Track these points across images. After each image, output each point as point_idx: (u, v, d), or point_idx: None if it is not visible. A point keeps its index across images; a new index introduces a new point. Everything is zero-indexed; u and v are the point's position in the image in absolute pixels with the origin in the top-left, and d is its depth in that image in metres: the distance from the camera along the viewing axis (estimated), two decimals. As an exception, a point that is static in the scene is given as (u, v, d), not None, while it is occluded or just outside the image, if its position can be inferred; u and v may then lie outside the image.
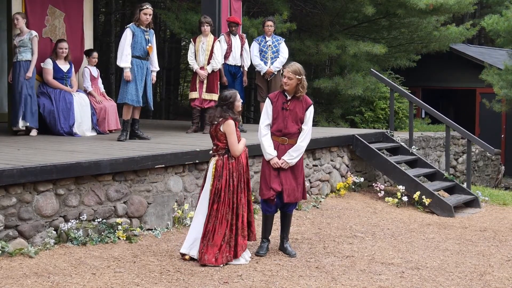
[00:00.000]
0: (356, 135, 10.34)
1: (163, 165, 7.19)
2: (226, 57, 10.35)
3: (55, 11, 10.00)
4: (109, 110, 10.04)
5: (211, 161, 6.16)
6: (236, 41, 10.42)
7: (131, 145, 8.14)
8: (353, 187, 10.12)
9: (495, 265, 6.54)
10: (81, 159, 6.54)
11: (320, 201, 9.20)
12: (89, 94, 10.04)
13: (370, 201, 9.70)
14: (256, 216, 7.45)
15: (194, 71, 10.27)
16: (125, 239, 6.60)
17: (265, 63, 10.39)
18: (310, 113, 6.46)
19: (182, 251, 6.16)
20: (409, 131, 11.34)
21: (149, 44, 8.75)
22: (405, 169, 10.34)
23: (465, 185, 10.65)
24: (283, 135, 6.42)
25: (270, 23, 10.50)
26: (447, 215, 9.21)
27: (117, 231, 6.61)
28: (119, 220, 6.69)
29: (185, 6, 14.75)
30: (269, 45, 10.43)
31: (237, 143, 6.07)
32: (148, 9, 8.65)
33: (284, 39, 10.71)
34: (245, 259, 6.16)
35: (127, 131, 8.81)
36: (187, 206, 7.41)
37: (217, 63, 10.12)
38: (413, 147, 11.21)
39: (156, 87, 22.94)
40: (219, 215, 6.02)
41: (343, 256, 6.58)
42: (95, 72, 10.31)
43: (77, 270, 5.62)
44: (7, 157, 6.68)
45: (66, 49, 9.65)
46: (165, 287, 5.35)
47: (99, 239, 6.46)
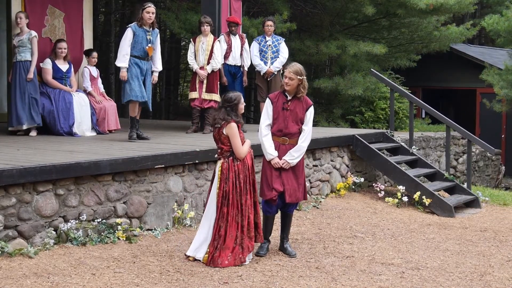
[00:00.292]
0: (356, 135, 10.33)
1: (163, 165, 7.18)
2: (226, 57, 10.34)
3: (54, 11, 9.99)
4: (109, 110, 10.02)
5: (217, 164, 6.16)
6: (236, 41, 10.41)
7: (131, 145, 8.12)
8: (353, 187, 10.11)
9: (496, 266, 6.53)
10: (81, 159, 6.53)
11: (320, 201, 9.19)
12: (88, 94, 10.02)
13: (370, 201, 9.69)
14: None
15: (194, 71, 10.26)
16: (124, 239, 6.59)
17: (265, 63, 10.36)
18: (310, 114, 6.46)
19: (188, 253, 6.15)
20: (409, 131, 11.33)
21: (149, 44, 8.67)
22: (405, 169, 10.33)
23: (465, 185, 10.64)
24: (283, 135, 6.41)
25: (270, 23, 10.46)
26: (448, 215, 9.20)
27: (116, 231, 6.60)
28: (118, 220, 6.68)
29: (185, 6, 14.75)
30: (269, 45, 10.40)
31: (241, 146, 6.05)
32: (150, 7, 8.58)
33: (284, 39, 10.68)
34: (247, 259, 6.16)
35: (136, 127, 8.72)
36: (187, 206, 7.40)
37: (217, 63, 10.11)
38: (413, 147, 11.20)
39: (156, 87, 22.94)
40: (229, 218, 6.00)
41: (343, 256, 6.57)
42: (95, 72, 10.30)
43: (77, 270, 5.62)
44: (6, 157, 6.67)
45: (65, 49, 9.64)
46: (164, 287, 5.34)
47: (99, 240, 6.45)
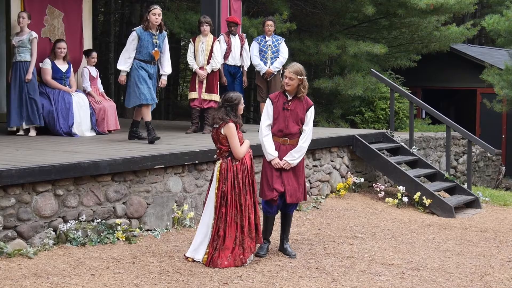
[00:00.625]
0: (356, 136, 10.32)
1: (163, 166, 7.16)
2: (225, 57, 10.32)
3: (54, 10, 9.98)
4: (108, 110, 10.01)
5: (216, 165, 6.14)
6: (235, 41, 10.39)
7: (130, 146, 8.11)
8: (353, 187, 10.10)
9: (496, 266, 6.52)
10: (80, 159, 6.52)
11: (320, 202, 9.18)
12: (88, 94, 10.01)
13: (370, 201, 9.68)
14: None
15: (193, 71, 10.25)
16: (124, 239, 6.58)
17: (265, 63, 10.33)
18: (311, 114, 6.45)
19: (187, 254, 6.14)
20: (410, 132, 11.31)
21: (156, 48, 8.47)
22: (406, 169, 10.32)
23: (465, 186, 10.63)
24: (284, 136, 6.40)
25: (270, 22, 10.44)
26: (448, 216, 9.19)
27: (116, 231, 6.59)
28: (118, 220, 6.67)
29: (184, 6, 14.75)
30: (269, 45, 10.38)
31: (239, 146, 6.03)
32: (156, 9, 8.44)
33: (284, 39, 10.66)
34: (249, 260, 6.14)
35: (152, 129, 8.49)
36: (186, 206, 7.39)
37: (217, 63, 10.09)
38: (414, 147, 11.18)
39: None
40: (228, 218, 5.98)
41: (343, 257, 6.56)
42: (94, 72, 10.28)
43: (76, 271, 5.60)
44: (6, 157, 6.66)
45: (64, 49, 9.63)
46: (164, 288, 5.34)
47: (98, 240, 6.43)
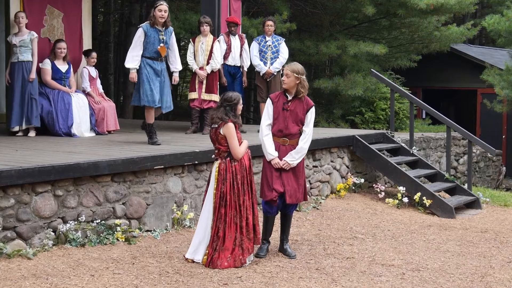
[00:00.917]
0: (356, 136, 10.30)
1: (162, 166, 7.15)
2: (225, 57, 10.31)
3: (53, 11, 9.97)
4: (108, 110, 9.99)
5: (214, 164, 6.12)
6: (235, 41, 10.38)
7: (130, 146, 8.10)
8: (353, 188, 10.09)
9: (496, 267, 6.51)
10: (80, 160, 6.51)
11: (320, 202, 9.16)
12: (87, 94, 10.00)
13: (370, 202, 9.67)
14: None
15: (193, 71, 10.23)
16: (124, 240, 6.57)
17: (265, 63, 10.31)
18: (311, 115, 6.43)
19: (186, 255, 6.12)
20: (410, 132, 11.30)
21: (161, 44, 8.31)
22: (406, 170, 10.31)
23: (466, 186, 10.61)
24: (284, 136, 6.39)
25: (270, 22, 10.42)
26: (448, 216, 9.18)
27: (116, 232, 6.58)
28: (118, 221, 6.66)
29: (184, 6, 14.73)
30: (269, 45, 10.36)
31: (238, 146, 6.02)
32: (162, 5, 8.25)
33: (284, 39, 10.64)
34: (248, 261, 6.12)
35: (154, 132, 8.41)
36: (186, 207, 7.37)
37: (217, 63, 10.08)
38: (414, 148, 11.17)
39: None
40: (228, 219, 5.96)
41: (343, 257, 6.54)
42: (94, 72, 10.27)
43: (76, 271, 5.59)
44: (5, 158, 6.65)
45: (64, 49, 9.61)
46: (164, 289, 5.32)
47: (98, 241, 6.42)
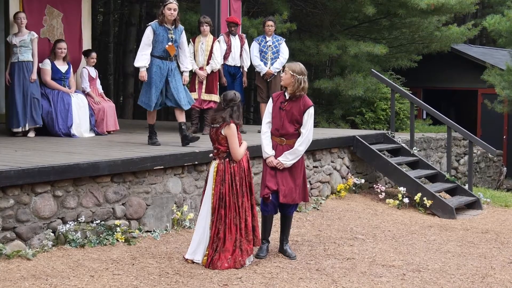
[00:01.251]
0: (356, 136, 10.29)
1: (162, 167, 7.14)
2: (225, 57, 10.29)
3: (53, 11, 9.96)
4: (108, 111, 9.98)
5: (212, 164, 6.09)
6: (235, 41, 10.36)
7: (130, 147, 8.09)
8: (354, 188, 10.07)
9: (497, 267, 6.50)
10: (79, 160, 6.50)
11: (320, 203, 9.15)
12: (87, 95, 9.98)
13: (370, 202, 9.65)
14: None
15: (193, 71, 10.22)
16: (123, 241, 6.55)
17: (265, 63, 10.30)
18: (308, 115, 6.33)
19: (186, 256, 6.11)
20: (410, 132, 11.28)
21: (170, 43, 8.13)
22: (406, 170, 10.29)
23: (466, 187, 10.60)
24: (280, 135, 6.37)
25: (270, 23, 10.41)
26: (449, 217, 9.16)
27: (115, 233, 6.56)
28: (117, 222, 6.65)
29: (184, 6, 14.70)
30: (269, 45, 10.34)
31: (239, 147, 6.00)
32: (172, 4, 8.04)
33: (284, 39, 10.62)
34: (247, 262, 6.11)
35: (154, 133, 8.38)
36: (186, 207, 7.36)
37: (217, 63, 10.07)
38: (414, 148, 11.15)
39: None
40: (227, 221, 5.94)
41: (344, 258, 6.53)
42: (94, 72, 10.25)
43: (75, 272, 5.58)
44: (4, 158, 6.64)
45: (64, 49, 9.60)
46: (163, 290, 5.31)
47: (98, 241, 6.41)
